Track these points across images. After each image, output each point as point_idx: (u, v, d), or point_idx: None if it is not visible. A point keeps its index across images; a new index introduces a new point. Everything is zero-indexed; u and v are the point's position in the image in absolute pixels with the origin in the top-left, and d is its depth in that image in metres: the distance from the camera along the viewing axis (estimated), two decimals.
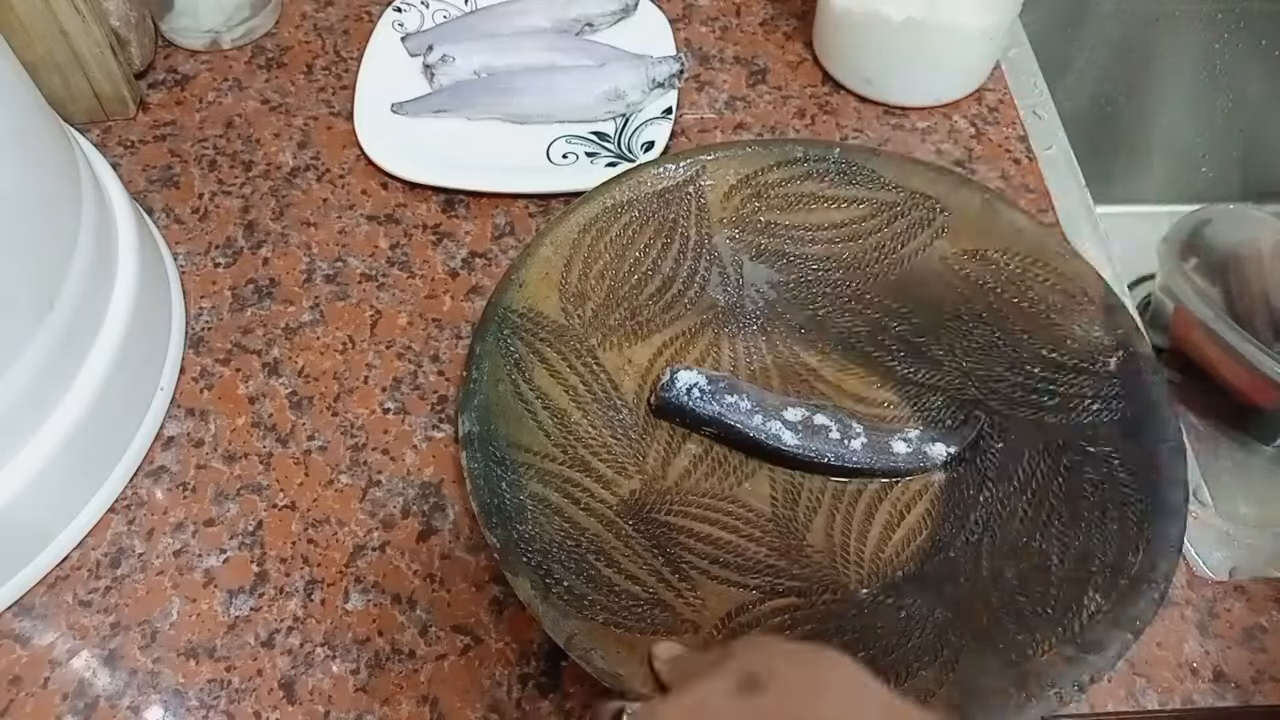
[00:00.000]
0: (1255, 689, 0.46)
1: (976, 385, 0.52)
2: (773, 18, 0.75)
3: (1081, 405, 0.49)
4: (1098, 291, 0.51)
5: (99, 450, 0.50)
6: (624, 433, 0.51)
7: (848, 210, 0.56)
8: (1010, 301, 0.52)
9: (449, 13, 0.73)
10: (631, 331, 0.54)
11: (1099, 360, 0.49)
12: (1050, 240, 0.53)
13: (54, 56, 0.61)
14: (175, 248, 0.61)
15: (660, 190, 0.55)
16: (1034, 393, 0.51)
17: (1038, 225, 0.53)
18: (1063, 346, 0.51)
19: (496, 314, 0.50)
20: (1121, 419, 0.47)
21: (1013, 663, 0.41)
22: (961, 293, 0.54)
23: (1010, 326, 0.52)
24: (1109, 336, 0.50)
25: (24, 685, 0.46)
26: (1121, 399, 0.48)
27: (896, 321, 0.55)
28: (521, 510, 0.45)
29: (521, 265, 0.52)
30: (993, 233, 0.53)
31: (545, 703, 0.46)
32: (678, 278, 0.55)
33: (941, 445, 0.51)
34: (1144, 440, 0.46)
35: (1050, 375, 0.50)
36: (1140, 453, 0.46)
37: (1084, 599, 0.42)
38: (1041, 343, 0.51)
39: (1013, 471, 0.49)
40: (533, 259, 0.52)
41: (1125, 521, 0.44)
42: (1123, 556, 0.43)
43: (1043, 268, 0.52)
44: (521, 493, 0.46)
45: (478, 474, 0.45)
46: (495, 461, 0.46)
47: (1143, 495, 0.45)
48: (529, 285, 0.51)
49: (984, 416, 0.51)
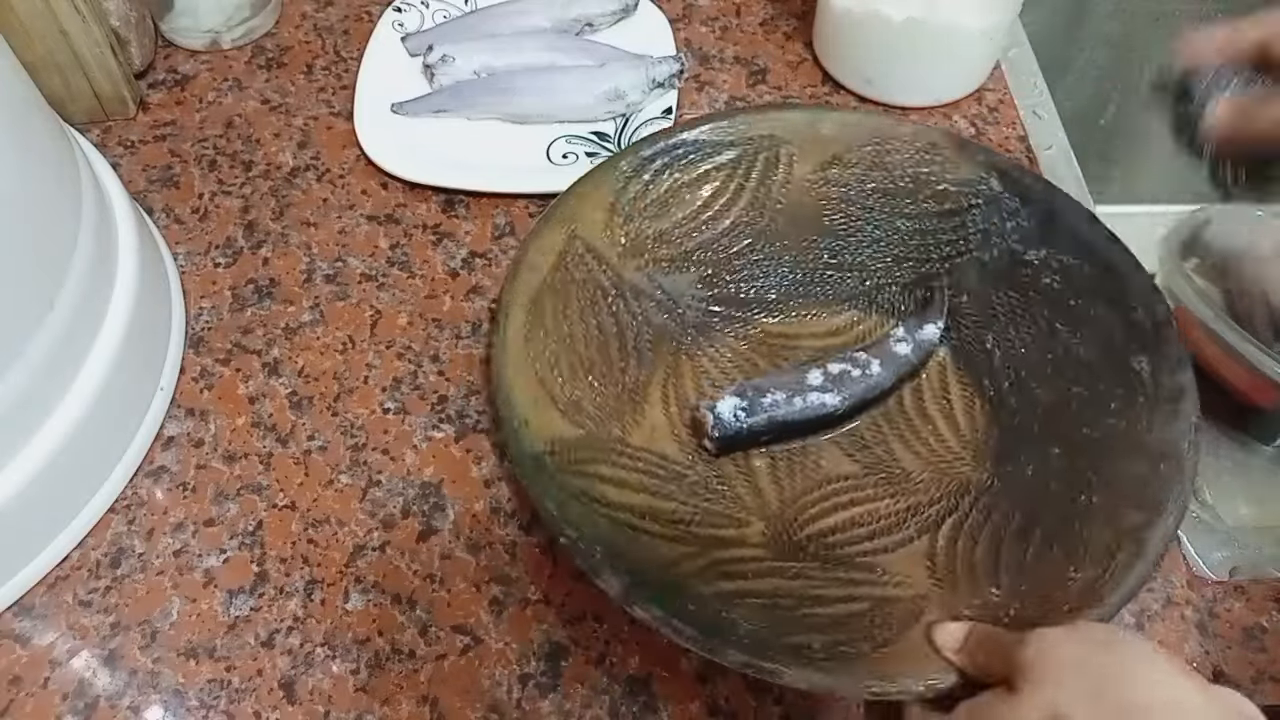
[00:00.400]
0: (1255, 689, 0.46)
1: (908, 265, 0.56)
2: (773, 18, 0.75)
3: (1000, 230, 0.54)
4: (944, 139, 0.56)
5: (99, 450, 0.50)
6: (707, 490, 0.50)
7: (707, 186, 0.57)
8: (883, 185, 0.56)
9: (449, 13, 0.73)
10: (631, 402, 0.52)
11: (982, 188, 0.55)
12: (881, 120, 0.58)
13: (54, 56, 0.61)
14: (175, 248, 0.61)
15: (558, 263, 0.53)
16: (956, 242, 0.55)
17: (863, 114, 0.58)
18: (948, 197, 0.55)
19: (533, 463, 0.46)
20: (1037, 221, 0.53)
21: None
22: (841, 200, 0.57)
23: (897, 205, 0.56)
24: (976, 168, 0.55)
25: (24, 685, 0.46)
26: (1023, 205, 0.54)
27: (811, 254, 0.57)
28: (724, 617, 0.43)
29: (510, 403, 0.47)
30: (830, 139, 0.57)
31: (545, 703, 0.46)
32: (624, 328, 0.54)
33: (929, 325, 0.54)
34: (1064, 226, 0.52)
35: (955, 223, 0.55)
36: (1071, 238, 0.52)
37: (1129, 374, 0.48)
38: (930, 203, 0.56)
39: (995, 309, 0.54)
40: (514, 390, 0.48)
41: (1102, 294, 0.51)
42: (1119, 321, 0.49)
43: (888, 144, 0.56)
44: (707, 606, 0.43)
45: (675, 629, 0.41)
46: (671, 591, 0.43)
47: (1095, 267, 0.51)
48: (532, 421, 0.47)
49: (937, 282, 0.55)
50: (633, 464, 0.49)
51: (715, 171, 0.57)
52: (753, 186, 0.57)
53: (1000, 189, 0.54)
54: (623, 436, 0.51)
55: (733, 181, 0.57)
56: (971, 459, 0.51)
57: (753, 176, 0.57)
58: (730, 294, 0.57)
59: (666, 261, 0.56)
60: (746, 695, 0.46)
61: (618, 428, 0.51)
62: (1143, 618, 0.48)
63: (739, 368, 0.55)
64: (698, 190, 0.57)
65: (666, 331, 0.55)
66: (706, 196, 0.57)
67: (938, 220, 0.56)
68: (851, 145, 0.57)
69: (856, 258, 0.57)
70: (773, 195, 0.57)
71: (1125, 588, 0.41)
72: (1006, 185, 0.54)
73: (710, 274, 0.57)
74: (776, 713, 0.46)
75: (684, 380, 0.54)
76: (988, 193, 0.54)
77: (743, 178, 0.57)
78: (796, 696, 0.46)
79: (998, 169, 0.55)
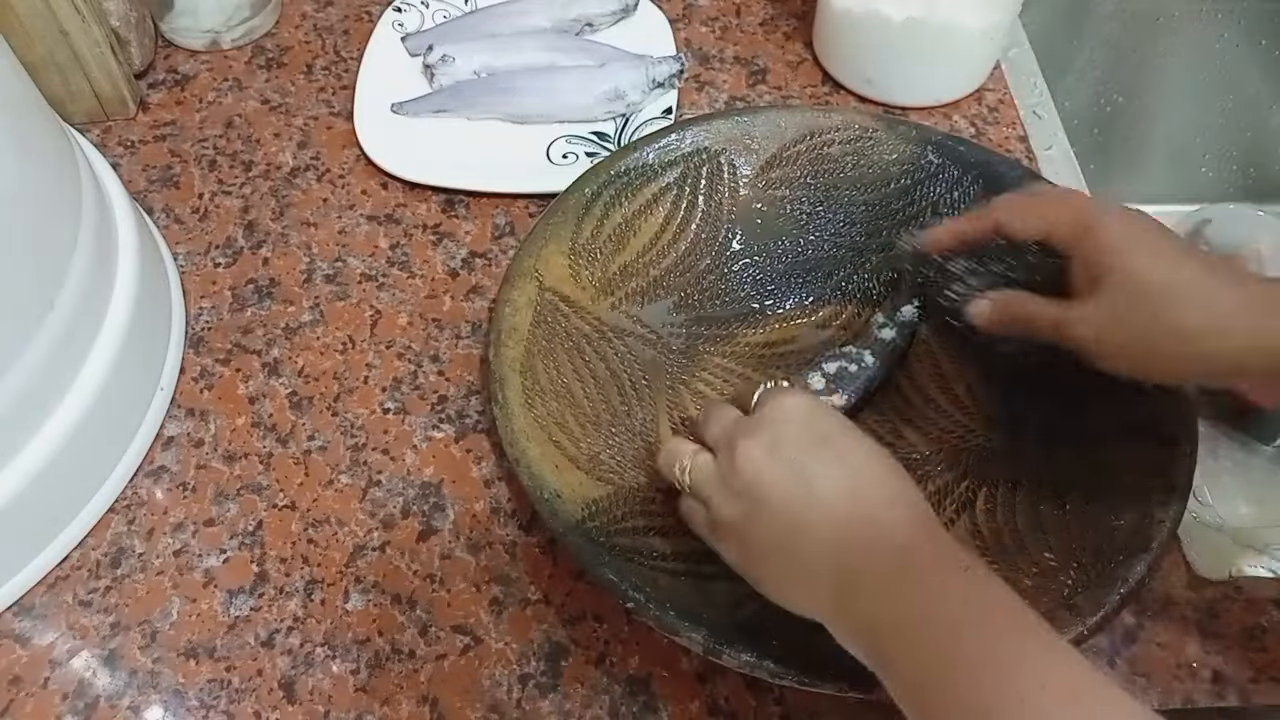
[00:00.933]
0: (1255, 689, 0.46)
1: (870, 249, 0.57)
2: (773, 18, 0.75)
3: (947, 200, 0.55)
4: (874, 121, 0.57)
5: (99, 450, 0.50)
6: None
7: (658, 210, 0.57)
8: (825, 178, 0.57)
9: (449, 13, 0.73)
10: (645, 444, 0.51)
11: (923, 163, 0.56)
12: (807, 114, 0.58)
13: (54, 56, 0.61)
14: (175, 248, 0.61)
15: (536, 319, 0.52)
16: (909, 220, 0.56)
17: (789, 111, 0.58)
18: (891, 176, 0.56)
19: (579, 534, 0.44)
20: (981, 186, 0.54)
21: None
22: (789, 199, 0.57)
23: (846, 194, 0.57)
24: (910, 144, 0.56)
25: (24, 685, 0.46)
26: (964, 173, 0.55)
27: (775, 257, 0.58)
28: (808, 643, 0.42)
29: (536, 478, 0.46)
30: (764, 141, 0.57)
31: (545, 703, 0.46)
32: (616, 371, 0.53)
33: (906, 306, 0.54)
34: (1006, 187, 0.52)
35: (905, 201, 0.56)
36: (995, 165, 0.54)
37: None
38: (877, 186, 0.57)
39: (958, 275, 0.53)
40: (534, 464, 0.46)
41: None
42: None
43: (821, 136, 0.57)
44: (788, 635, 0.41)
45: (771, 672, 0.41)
46: (750, 631, 0.42)
47: None
48: (564, 492, 0.46)
49: (903, 263, 0.54)
50: (667, 509, 0.48)
51: (663, 193, 0.57)
52: (703, 203, 0.57)
53: (938, 160, 0.56)
54: (649, 482, 0.50)
55: (683, 201, 0.57)
56: (982, 429, 0.52)
57: (700, 193, 0.57)
58: (707, 313, 0.57)
59: (638, 294, 0.56)
60: (746, 695, 0.46)
61: (642, 474, 0.50)
62: (1143, 617, 0.48)
63: (734, 385, 0.55)
64: (650, 217, 0.57)
65: (657, 364, 0.55)
66: (661, 221, 0.57)
67: (888, 201, 0.56)
68: (786, 144, 0.57)
69: (820, 252, 0.57)
70: (724, 208, 0.57)
71: (1165, 527, 0.43)
72: (944, 155, 0.56)
73: (683, 297, 0.57)
74: (776, 713, 0.46)
75: (688, 411, 0.54)
76: (929, 166, 0.56)
77: (691, 195, 0.57)
78: (796, 696, 0.46)
79: (931, 142, 0.56)
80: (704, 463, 0.41)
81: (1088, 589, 0.42)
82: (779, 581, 0.39)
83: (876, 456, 0.39)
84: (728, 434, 0.41)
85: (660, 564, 0.46)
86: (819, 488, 0.38)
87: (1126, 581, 0.42)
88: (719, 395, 0.54)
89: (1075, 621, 0.41)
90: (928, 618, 0.33)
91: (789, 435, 0.39)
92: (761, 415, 0.40)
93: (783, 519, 0.38)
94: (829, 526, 0.37)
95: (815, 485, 0.38)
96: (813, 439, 0.39)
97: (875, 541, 0.36)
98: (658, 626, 0.41)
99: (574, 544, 0.44)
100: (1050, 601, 0.42)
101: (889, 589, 0.35)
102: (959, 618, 0.33)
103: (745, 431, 0.40)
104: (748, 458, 0.39)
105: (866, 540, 0.36)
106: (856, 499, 0.37)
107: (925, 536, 0.36)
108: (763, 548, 0.39)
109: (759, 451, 0.39)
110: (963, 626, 0.33)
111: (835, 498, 0.37)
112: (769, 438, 0.39)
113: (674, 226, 0.57)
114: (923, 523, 0.37)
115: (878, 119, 0.57)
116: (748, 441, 0.39)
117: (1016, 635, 0.32)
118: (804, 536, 0.37)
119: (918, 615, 0.34)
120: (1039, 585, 0.43)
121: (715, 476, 0.41)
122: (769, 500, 0.38)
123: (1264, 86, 0.82)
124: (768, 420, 0.40)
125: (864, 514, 0.37)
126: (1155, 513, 0.44)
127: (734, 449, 0.39)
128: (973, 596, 0.34)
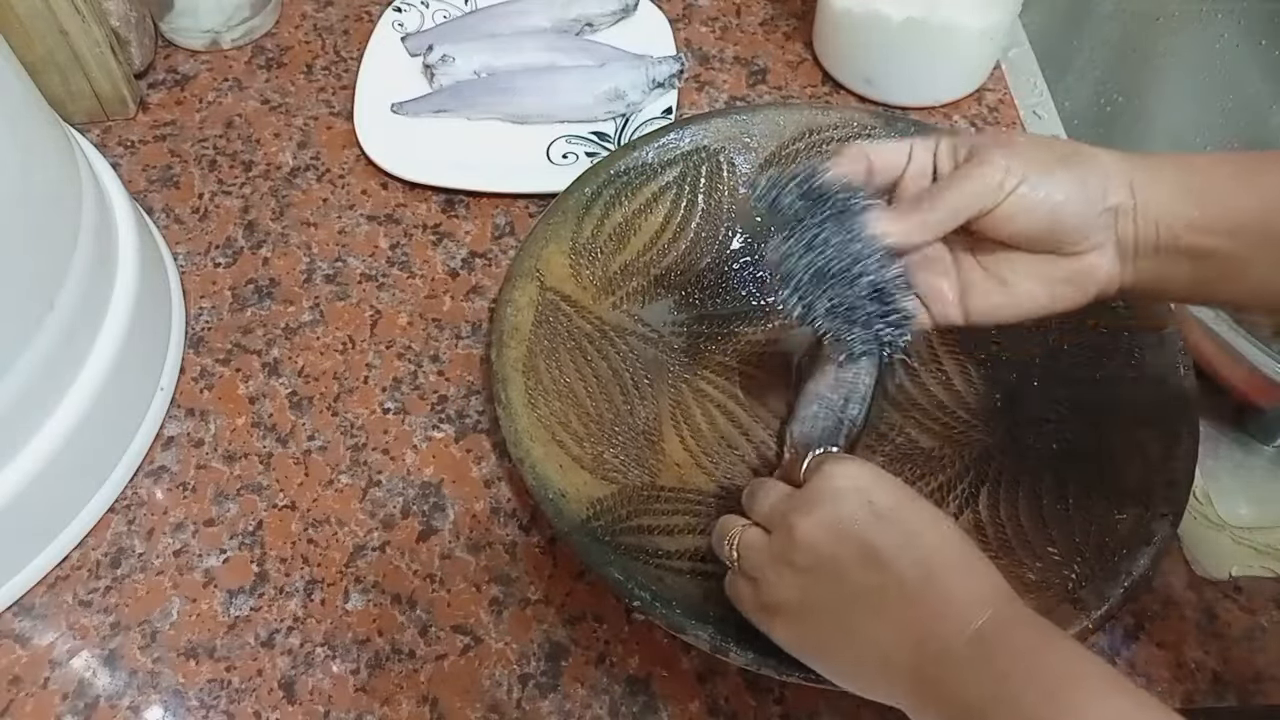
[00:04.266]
0: (1255, 689, 0.46)
1: None
2: (773, 18, 0.75)
3: None
4: (872, 118, 0.56)
5: (99, 450, 0.50)
6: None
7: (659, 209, 0.57)
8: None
9: (449, 13, 0.73)
10: (649, 444, 0.52)
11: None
12: (805, 112, 0.57)
13: (54, 56, 0.61)
14: (175, 248, 0.61)
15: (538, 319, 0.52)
16: None
17: (788, 109, 0.57)
18: None
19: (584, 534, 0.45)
20: None
21: None
22: None
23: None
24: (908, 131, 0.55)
25: (24, 685, 0.46)
26: None
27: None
28: None
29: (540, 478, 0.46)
30: (763, 140, 0.57)
31: (545, 703, 0.46)
32: (619, 371, 0.53)
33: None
34: None
35: None
36: None
37: None
38: None
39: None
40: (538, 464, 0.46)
41: None
42: None
43: (819, 134, 0.57)
44: None
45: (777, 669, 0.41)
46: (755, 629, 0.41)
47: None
48: (569, 492, 0.46)
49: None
50: (671, 507, 0.49)
51: (663, 192, 0.57)
52: (702, 201, 0.57)
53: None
54: (653, 481, 0.50)
55: (683, 199, 0.57)
56: (984, 424, 0.52)
57: (700, 191, 0.57)
58: (708, 312, 0.57)
59: (639, 293, 0.56)
60: (746, 695, 0.46)
61: (646, 474, 0.50)
62: (1143, 617, 0.48)
63: (736, 382, 0.55)
64: (650, 216, 0.57)
65: (659, 363, 0.55)
66: (661, 220, 0.57)
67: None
68: (785, 142, 0.57)
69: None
70: (724, 206, 0.57)
71: (1168, 520, 0.43)
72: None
73: (684, 296, 0.57)
74: (776, 712, 0.46)
75: (691, 409, 0.54)
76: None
77: (691, 194, 0.57)
78: (796, 696, 0.46)
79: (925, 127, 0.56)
80: (754, 538, 0.39)
81: (1092, 582, 0.43)
82: (846, 663, 0.37)
83: (939, 523, 0.37)
84: (780, 510, 0.39)
85: (665, 562, 0.46)
86: (886, 563, 0.35)
87: (1130, 575, 0.42)
88: (722, 393, 0.54)
89: (1080, 615, 0.41)
90: (1021, 693, 0.31)
91: (850, 510, 0.37)
92: (818, 488, 0.38)
93: (848, 597, 0.36)
94: (900, 604, 0.35)
95: (882, 561, 0.35)
96: (875, 512, 0.36)
97: (954, 618, 0.34)
98: (665, 624, 0.42)
99: (579, 543, 0.44)
100: (1054, 596, 0.43)
101: (977, 666, 0.33)
102: (1053, 689, 0.31)
103: (801, 507, 0.38)
104: (806, 534, 0.37)
105: (944, 617, 0.34)
106: (926, 573, 0.35)
107: (1005, 601, 0.34)
108: (826, 629, 0.37)
109: (819, 527, 0.37)
110: (1058, 694, 0.31)
111: (905, 573, 0.35)
112: (830, 513, 0.37)
113: (674, 225, 0.57)
114: (998, 590, 0.35)
115: (876, 116, 0.57)
116: (805, 518, 0.37)
117: (1107, 695, 0.31)
118: (873, 615, 0.35)
119: (1013, 692, 0.32)
120: (1043, 580, 0.44)
121: (768, 554, 0.38)
122: (832, 578, 0.36)
123: (1264, 86, 0.82)
124: (826, 493, 0.37)
125: (940, 589, 0.35)
126: (1158, 507, 0.44)
127: (791, 526, 0.37)
128: (1063, 665, 0.32)
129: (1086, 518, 0.46)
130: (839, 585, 0.36)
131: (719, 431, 0.53)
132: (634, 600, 0.42)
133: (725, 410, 0.54)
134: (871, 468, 0.39)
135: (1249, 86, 0.82)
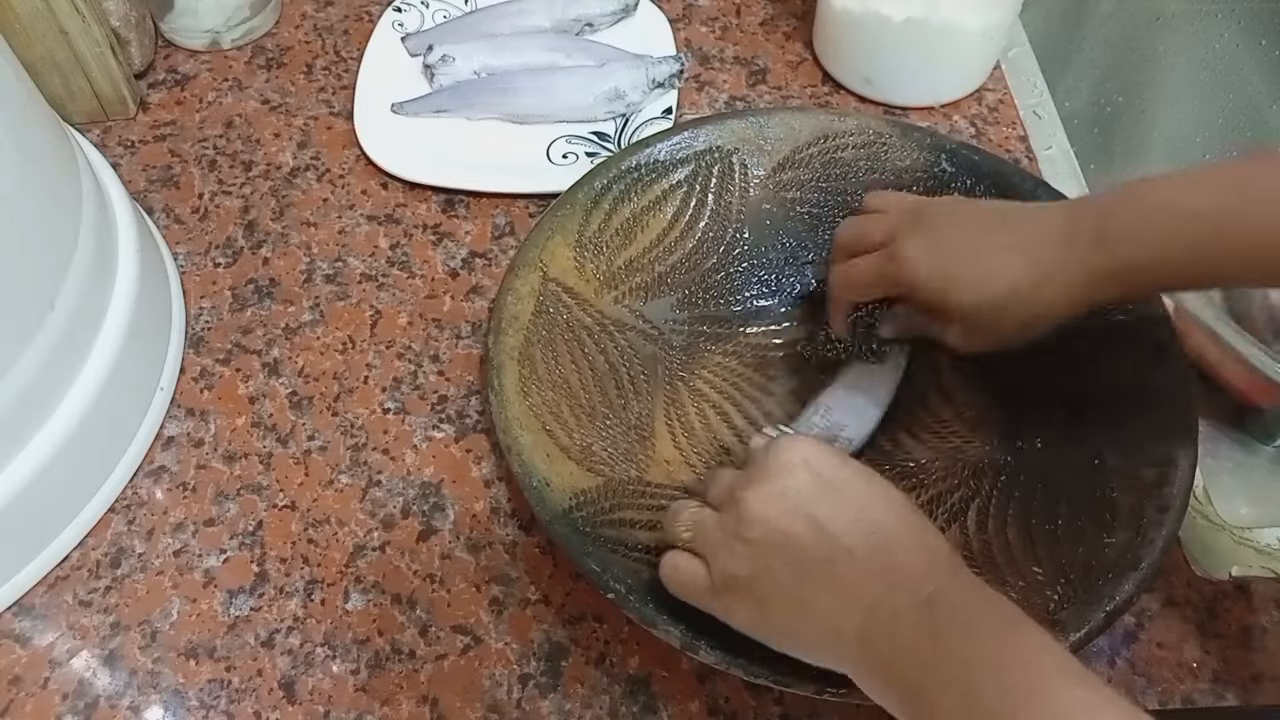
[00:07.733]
0: (1255, 689, 0.46)
1: None
2: (773, 18, 0.75)
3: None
4: (888, 127, 0.56)
5: (99, 450, 0.50)
6: None
7: (667, 207, 0.57)
8: (836, 182, 0.57)
9: (449, 13, 0.73)
10: (640, 438, 0.51)
11: (936, 170, 0.56)
12: (822, 118, 0.57)
13: (54, 56, 0.61)
14: (175, 248, 0.61)
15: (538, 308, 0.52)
16: None
17: (805, 113, 0.58)
18: (902, 183, 0.56)
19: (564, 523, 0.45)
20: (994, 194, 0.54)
21: None
22: (799, 201, 0.57)
23: (855, 200, 0.55)
24: (925, 151, 0.56)
25: (24, 685, 0.46)
26: (977, 182, 0.55)
27: (781, 258, 0.58)
28: None
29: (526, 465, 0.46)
30: (777, 143, 0.57)
31: (545, 703, 0.46)
32: (615, 365, 0.53)
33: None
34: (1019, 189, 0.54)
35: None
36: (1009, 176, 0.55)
37: None
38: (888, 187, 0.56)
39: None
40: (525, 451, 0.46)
41: None
42: None
43: (835, 140, 0.57)
44: None
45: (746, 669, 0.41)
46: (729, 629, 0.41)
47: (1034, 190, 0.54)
48: (553, 480, 0.46)
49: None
50: (655, 503, 0.48)
51: (672, 190, 0.57)
52: (712, 201, 0.57)
53: (952, 169, 0.55)
54: (640, 476, 0.50)
55: (692, 198, 0.57)
56: (980, 439, 0.51)
57: (710, 191, 0.57)
58: (710, 311, 0.57)
59: (642, 289, 0.56)
60: (746, 695, 0.46)
61: (633, 468, 0.50)
62: (1143, 617, 0.48)
63: (732, 384, 0.55)
64: (659, 213, 0.57)
65: (657, 360, 0.55)
66: (669, 218, 0.57)
67: None
68: (800, 146, 0.57)
69: (826, 255, 0.56)
70: (733, 207, 0.57)
71: (1158, 547, 0.42)
72: (957, 164, 0.55)
73: (686, 295, 0.57)
74: (776, 713, 0.46)
75: (685, 407, 0.54)
76: (942, 175, 0.56)
77: (700, 193, 0.57)
78: (796, 697, 0.46)
79: (946, 151, 0.56)
80: (706, 516, 0.40)
81: (1073, 605, 0.42)
82: (798, 634, 0.37)
83: (889, 497, 0.38)
84: (730, 488, 0.39)
85: (645, 557, 0.45)
86: (835, 534, 0.36)
87: (1113, 599, 0.41)
88: (718, 394, 0.54)
89: (1059, 637, 0.40)
90: (965, 660, 0.32)
91: (798, 482, 0.37)
92: (766, 464, 0.38)
93: (799, 568, 0.36)
94: (850, 574, 0.36)
95: (831, 532, 0.36)
96: (823, 484, 0.37)
97: (900, 586, 0.35)
98: (637, 619, 0.41)
99: (559, 533, 0.44)
100: (1034, 616, 0.42)
101: (920, 633, 0.34)
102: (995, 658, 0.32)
103: (750, 482, 0.38)
104: (757, 508, 0.37)
105: (891, 586, 0.35)
106: (876, 544, 0.36)
107: (948, 574, 0.35)
108: (778, 601, 0.37)
109: (768, 501, 0.37)
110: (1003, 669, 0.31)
111: (854, 544, 0.36)
112: (777, 486, 0.37)
113: (682, 224, 0.57)
114: (945, 561, 0.36)
115: (892, 124, 0.57)
116: (754, 492, 0.38)
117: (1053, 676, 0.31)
118: (824, 586, 0.36)
119: (955, 658, 0.32)
120: (1023, 599, 0.43)
121: (719, 531, 0.39)
122: (783, 550, 0.37)
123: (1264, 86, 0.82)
124: (774, 469, 0.38)
125: (886, 559, 0.36)
126: (1148, 532, 0.43)
127: (740, 501, 0.38)
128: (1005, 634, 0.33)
129: (1075, 540, 0.45)
130: (790, 556, 0.37)
131: (711, 431, 0.53)
132: (609, 592, 0.41)
133: (720, 411, 0.54)
134: (822, 444, 0.39)
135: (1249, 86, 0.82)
